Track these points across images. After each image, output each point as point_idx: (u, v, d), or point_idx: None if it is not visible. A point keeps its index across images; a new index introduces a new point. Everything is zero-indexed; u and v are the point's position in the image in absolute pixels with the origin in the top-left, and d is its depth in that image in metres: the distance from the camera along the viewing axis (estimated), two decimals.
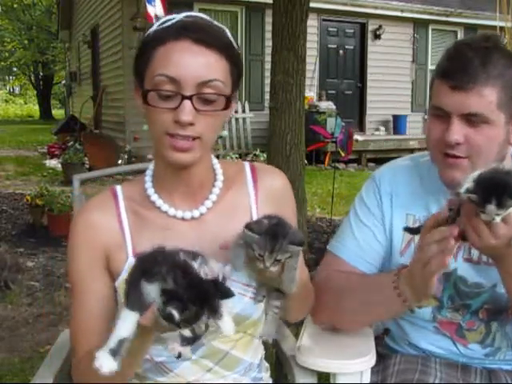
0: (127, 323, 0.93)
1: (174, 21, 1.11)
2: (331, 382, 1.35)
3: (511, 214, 1.08)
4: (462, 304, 1.42)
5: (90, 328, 1.15)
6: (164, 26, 1.11)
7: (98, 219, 1.19)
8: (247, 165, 1.30)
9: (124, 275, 1.14)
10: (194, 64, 1.07)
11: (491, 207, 1.06)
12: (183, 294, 0.87)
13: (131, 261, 1.15)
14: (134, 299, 0.92)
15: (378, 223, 1.47)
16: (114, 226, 1.19)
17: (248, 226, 1.05)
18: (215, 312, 0.91)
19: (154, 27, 1.13)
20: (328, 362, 1.32)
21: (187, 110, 1.06)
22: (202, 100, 1.08)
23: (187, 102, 1.06)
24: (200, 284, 0.90)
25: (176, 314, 0.86)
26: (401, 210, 1.46)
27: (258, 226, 1.06)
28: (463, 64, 1.27)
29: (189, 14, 1.14)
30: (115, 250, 1.18)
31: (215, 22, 1.15)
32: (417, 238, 1.44)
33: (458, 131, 1.28)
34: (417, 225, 1.44)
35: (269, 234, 1.04)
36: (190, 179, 1.19)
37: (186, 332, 0.90)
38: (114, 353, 0.93)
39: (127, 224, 1.19)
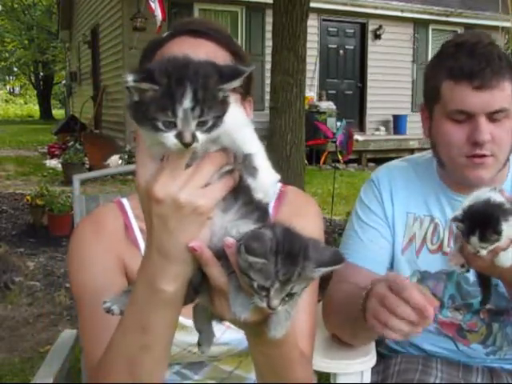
0: None
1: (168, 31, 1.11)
2: (331, 382, 1.35)
3: (498, 246, 1.07)
4: (463, 303, 1.41)
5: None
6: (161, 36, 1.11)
7: (107, 222, 1.12)
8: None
9: None
10: (193, 54, 1.06)
11: (474, 239, 1.06)
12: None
13: None
14: None
15: (382, 221, 1.47)
16: (123, 234, 1.11)
17: (247, 245, 0.68)
18: None
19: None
20: (328, 362, 1.32)
21: None
22: None
23: None
24: None
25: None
26: (401, 207, 1.46)
27: (259, 243, 0.68)
28: (485, 62, 1.25)
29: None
30: (130, 258, 1.08)
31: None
32: (417, 236, 1.44)
33: (486, 130, 1.27)
34: (417, 223, 1.44)
35: (281, 252, 0.68)
36: None
37: None
38: None
39: (142, 239, 1.11)
